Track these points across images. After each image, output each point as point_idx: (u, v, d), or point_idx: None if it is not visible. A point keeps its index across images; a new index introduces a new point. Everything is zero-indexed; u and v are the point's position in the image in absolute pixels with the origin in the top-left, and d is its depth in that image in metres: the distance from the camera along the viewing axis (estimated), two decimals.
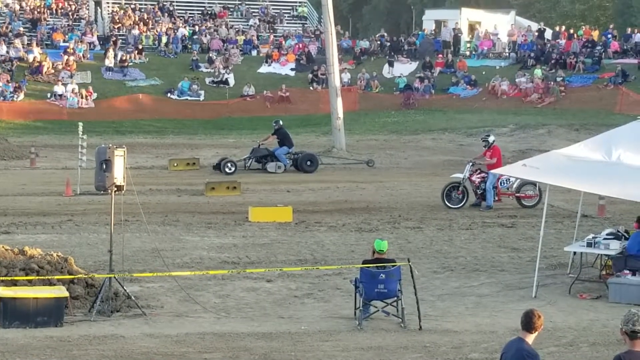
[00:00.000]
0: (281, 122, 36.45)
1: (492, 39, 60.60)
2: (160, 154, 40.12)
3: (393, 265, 16.84)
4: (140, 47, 58.46)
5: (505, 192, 28.12)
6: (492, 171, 26.48)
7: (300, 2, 70.32)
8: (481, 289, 19.35)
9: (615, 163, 19.17)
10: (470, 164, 28.63)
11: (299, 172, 35.13)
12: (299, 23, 65.83)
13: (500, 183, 28.01)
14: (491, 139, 29.14)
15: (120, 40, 59.01)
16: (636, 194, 19.19)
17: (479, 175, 28.06)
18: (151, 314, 17.39)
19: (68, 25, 60.60)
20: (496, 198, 27.99)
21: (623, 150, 19.44)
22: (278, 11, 67.51)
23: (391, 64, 58.61)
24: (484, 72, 56.33)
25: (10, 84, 51.52)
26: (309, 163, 35.71)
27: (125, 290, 17.73)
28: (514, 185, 28.01)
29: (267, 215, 25.96)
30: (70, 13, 62.59)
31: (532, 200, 28.10)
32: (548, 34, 61.32)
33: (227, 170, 34.48)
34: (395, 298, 16.74)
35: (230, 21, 64.01)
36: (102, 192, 19.66)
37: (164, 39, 59.44)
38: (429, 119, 50.61)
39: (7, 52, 54.79)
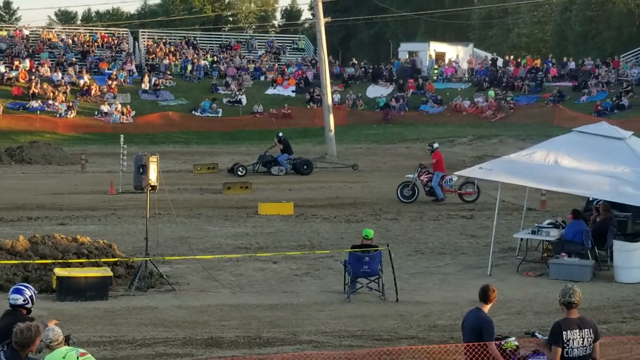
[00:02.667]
0: (281, 134, 36.48)
1: (454, 66, 60.58)
2: (186, 160, 40.07)
3: (375, 250, 16.90)
4: (169, 73, 58.44)
5: (449, 189, 28.01)
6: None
7: (299, 37, 70.33)
8: (446, 269, 19.39)
9: (554, 165, 19.22)
10: (420, 166, 28.62)
11: (297, 175, 35.09)
12: (298, 54, 65.74)
13: (445, 182, 27.93)
14: (435, 145, 29.14)
15: (154, 68, 59.00)
16: (570, 189, 19.28)
17: (426, 176, 28.01)
18: (179, 289, 17.42)
19: (111, 56, 60.49)
20: (442, 195, 27.87)
21: (560, 155, 19.49)
22: (281, 44, 67.43)
23: (375, 82, 58.74)
24: (448, 93, 56.27)
25: (64, 104, 51.53)
26: (305, 167, 35.66)
27: (158, 270, 17.76)
28: (457, 184, 27.97)
29: (273, 209, 25.96)
30: (113, 46, 62.49)
31: (471, 196, 27.96)
32: (500, 62, 61.29)
33: (239, 173, 34.42)
34: (377, 276, 16.80)
35: (242, 53, 63.91)
36: (139, 190, 19.66)
37: (189, 67, 59.32)
38: (403, 131, 50.58)
39: (62, 77, 54.71)
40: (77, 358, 8.87)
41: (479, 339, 10.10)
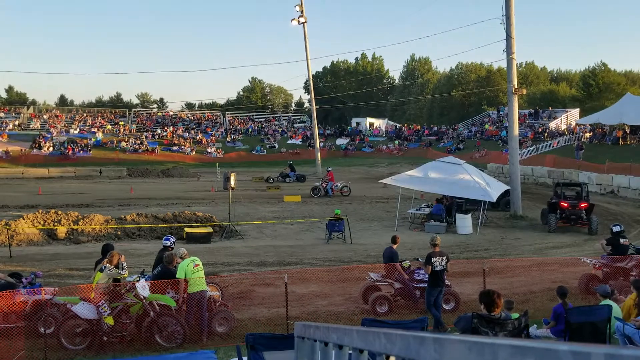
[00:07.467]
0: (291, 162, 36.72)
1: (378, 129, 60.65)
2: (249, 175, 39.85)
3: (341, 219, 16.91)
4: (240, 133, 58.23)
5: (336, 189, 27.26)
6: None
7: (303, 115, 70.22)
8: (375, 227, 19.35)
9: (427, 177, 19.25)
10: (322, 179, 28.20)
11: (299, 182, 34.92)
12: (303, 123, 65.49)
13: (334, 186, 27.28)
14: (330, 169, 28.68)
15: (233, 131, 58.79)
16: (435, 190, 19.31)
17: (324, 183, 27.40)
18: (245, 238, 17.33)
19: (212, 124, 60.30)
20: (332, 193, 27.21)
21: (430, 172, 19.53)
22: (295, 118, 67.35)
23: (340, 137, 58.55)
24: (375, 142, 56.35)
25: (189, 147, 51.37)
26: (302, 179, 35.49)
27: (235, 228, 17.68)
28: (339, 187, 27.38)
29: (290, 199, 25.83)
30: (212, 120, 62.31)
31: (347, 193, 27.26)
32: (399, 127, 61.41)
33: (269, 181, 34.22)
34: (342, 232, 16.78)
35: (276, 123, 63.80)
36: (225, 190, 19.62)
37: (250, 129, 59.21)
38: (354, 161, 50.51)
39: (188, 135, 54.61)
40: (194, 261, 8.84)
41: (391, 261, 10.11)
